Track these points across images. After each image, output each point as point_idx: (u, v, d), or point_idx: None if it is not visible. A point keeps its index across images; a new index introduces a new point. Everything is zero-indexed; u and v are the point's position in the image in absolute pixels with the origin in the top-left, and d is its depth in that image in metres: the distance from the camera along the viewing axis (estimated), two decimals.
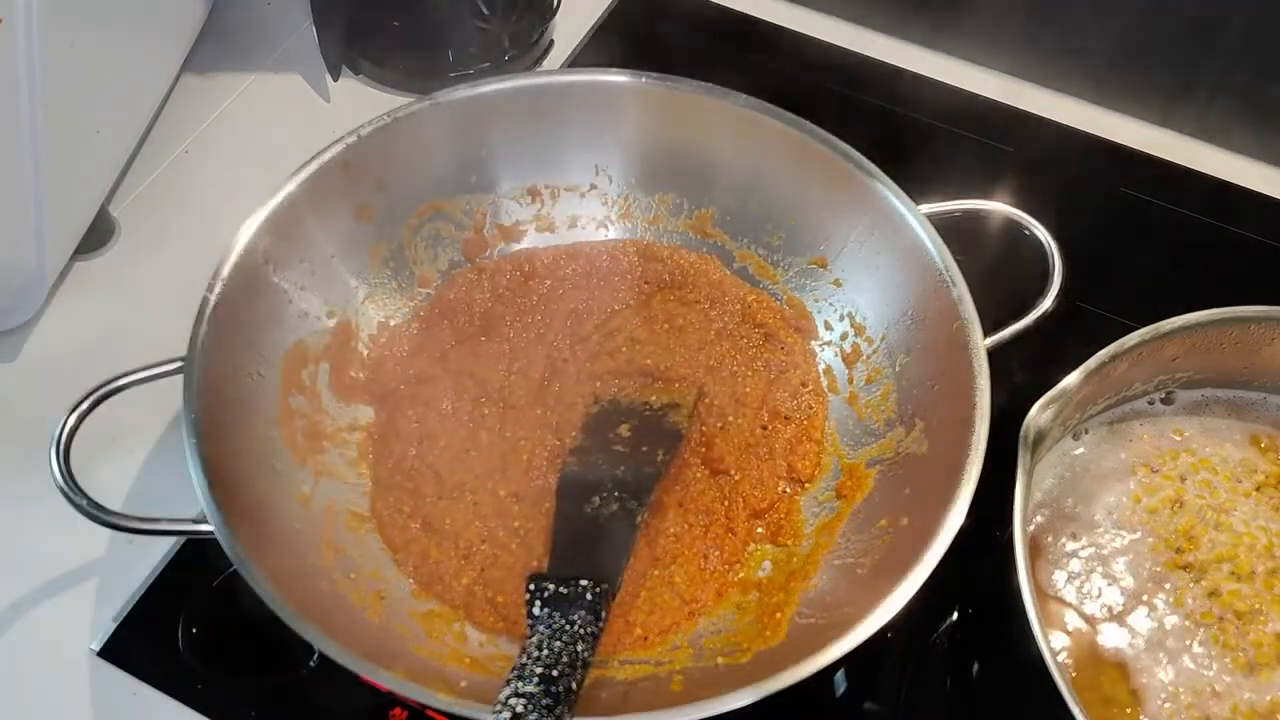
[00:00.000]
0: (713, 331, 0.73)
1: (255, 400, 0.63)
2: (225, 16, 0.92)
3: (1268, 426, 0.68)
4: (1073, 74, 0.91)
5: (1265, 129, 0.87)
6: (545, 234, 0.77)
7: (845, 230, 0.71)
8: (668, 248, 0.77)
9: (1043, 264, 0.65)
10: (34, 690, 0.62)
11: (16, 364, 0.73)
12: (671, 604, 0.62)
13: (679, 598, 0.63)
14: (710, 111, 0.72)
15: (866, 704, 0.63)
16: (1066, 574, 0.62)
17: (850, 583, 0.60)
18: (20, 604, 0.64)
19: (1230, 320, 0.62)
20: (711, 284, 0.75)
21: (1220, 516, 0.63)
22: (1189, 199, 0.85)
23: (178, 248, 0.79)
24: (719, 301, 0.75)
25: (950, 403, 0.62)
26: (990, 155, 0.87)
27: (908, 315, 0.68)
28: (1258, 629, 0.59)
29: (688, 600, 0.63)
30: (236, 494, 0.57)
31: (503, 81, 0.72)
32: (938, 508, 0.56)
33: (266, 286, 0.65)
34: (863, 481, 0.66)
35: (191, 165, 0.84)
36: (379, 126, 0.69)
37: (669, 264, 0.76)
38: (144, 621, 0.64)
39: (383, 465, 0.67)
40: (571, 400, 0.70)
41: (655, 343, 0.72)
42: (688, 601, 0.63)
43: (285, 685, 0.62)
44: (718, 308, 0.74)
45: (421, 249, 0.74)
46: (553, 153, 0.75)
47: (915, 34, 0.94)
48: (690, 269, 0.76)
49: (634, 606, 0.62)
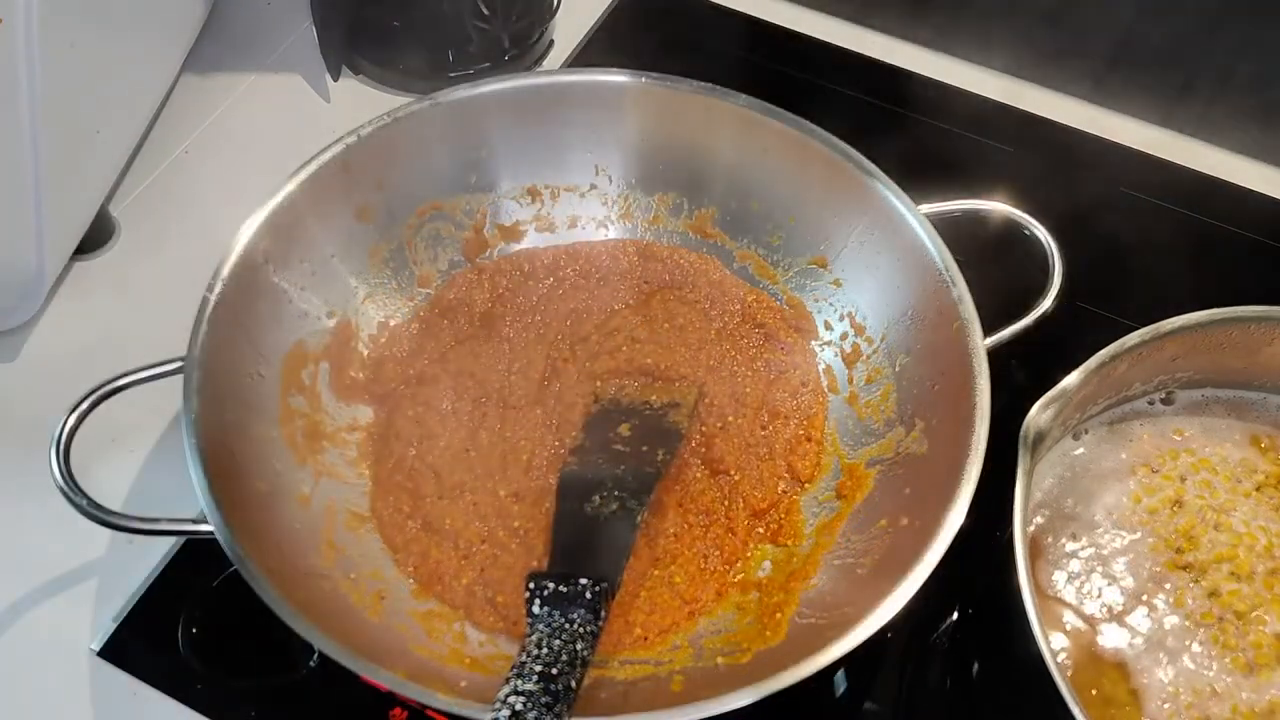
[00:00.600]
0: (713, 331, 0.73)
1: (255, 400, 0.63)
2: (225, 16, 0.92)
3: (1268, 426, 0.68)
4: (1073, 74, 0.91)
5: (1265, 129, 0.87)
6: (545, 234, 0.77)
7: (845, 230, 0.71)
8: (667, 248, 0.77)
9: (1043, 264, 0.65)
10: (34, 690, 0.62)
11: (16, 364, 0.73)
12: (671, 604, 0.62)
13: (679, 598, 0.63)
14: (710, 111, 0.72)
15: (866, 704, 0.63)
16: (1066, 574, 0.62)
17: (850, 583, 0.60)
18: (20, 604, 0.64)
19: (1230, 320, 0.62)
20: (711, 284, 0.75)
21: (1220, 516, 0.63)
22: (1189, 199, 0.85)
23: (178, 248, 0.79)
24: (719, 301, 0.75)
25: (950, 403, 0.62)
26: (990, 155, 0.87)
27: (908, 315, 0.68)
28: (1257, 629, 0.59)
29: (688, 600, 0.63)
30: (236, 494, 0.57)
31: (503, 81, 0.72)
32: (938, 508, 0.56)
33: (266, 286, 0.65)
34: (863, 481, 0.66)
35: (191, 165, 0.84)
36: (379, 127, 0.69)
37: (668, 263, 0.76)
38: (144, 621, 0.64)
39: (382, 465, 0.67)
40: (571, 400, 0.70)
41: (655, 342, 0.72)
42: (688, 601, 0.63)
43: (285, 685, 0.62)
44: (718, 307, 0.74)
45: (421, 249, 0.74)
46: (553, 153, 0.75)
47: (915, 34, 0.94)
48: (690, 268, 0.76)
49: (634, 606, 0.62)
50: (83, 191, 0.75)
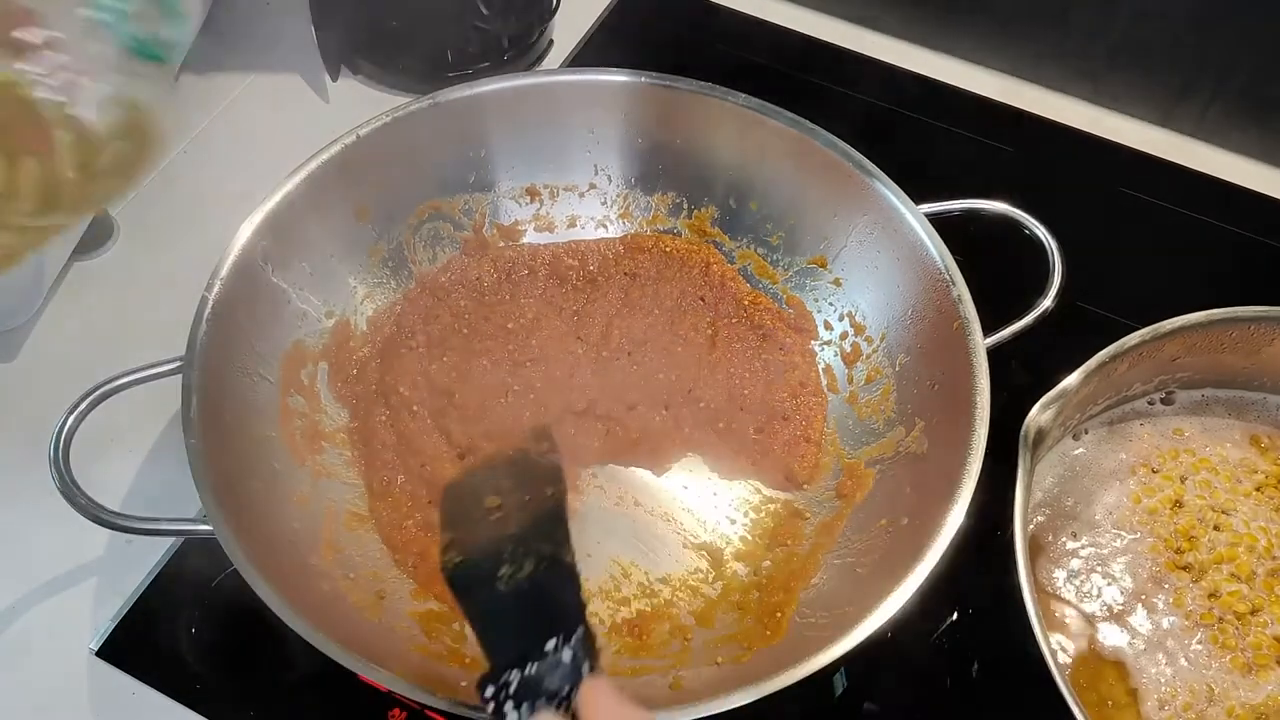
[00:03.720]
0: (709, 331, 0.73)
1: (254, 400, 0.63)
2: (225, 16, 0.92)
3: (1268, 426, 0.67)
4: (1073, 74, 0.91)
5: (1265, 129, 0.87)
6: (545, 233, 0.77)
7: (845, 229, 0.71)
8: (652, 236, 0.76)
9: (1043, 263, 0.65)
10: (34, 690, 0.62)
11: (16, 364, 0.73)
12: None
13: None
14: (709, 111, 0.72)
15: (866, 704, 0.63)
16: (1066, 572, 0.62)
17: (850, 583, 0.60)
18: (20, 604, 0.64)
19: (1230, 320, 0.62)
20: (710, 281, 0.75)
21: (1220, 517, 0.63)
22: (1189, 199, 0.85)
23: (177, 248, 0.79)
24: (717, 302, 0.74)
25: (950, 402, 0.62)
26: (990, 155, 0.87)
27: (908, 315, 0.68)
28: (1257, 631, 0.59)
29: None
30: (236, 494, 0.57)
31: (501, 81, 0.72)
32: (938, 507, 0.56)
33: (265, 286, 0.65)
34: (863, 481, 0.66)
35: (191, 165, 0.84)
36: (377, 127, 0.68)
37: (654, 254, 0.75)
38: (143, 621, 0.64)
39: (374, 474, 0.67)
40: (546, 402, 0.69)
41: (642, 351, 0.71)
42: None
43: (285, 685, 0.62)
44: (714, 308, 0.74)
45: (420, 249, 0.74)
46: (551, 152, 0.75)
47: (915, 34, 0.94)
48: (680, 255, 0.75)
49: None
50: None
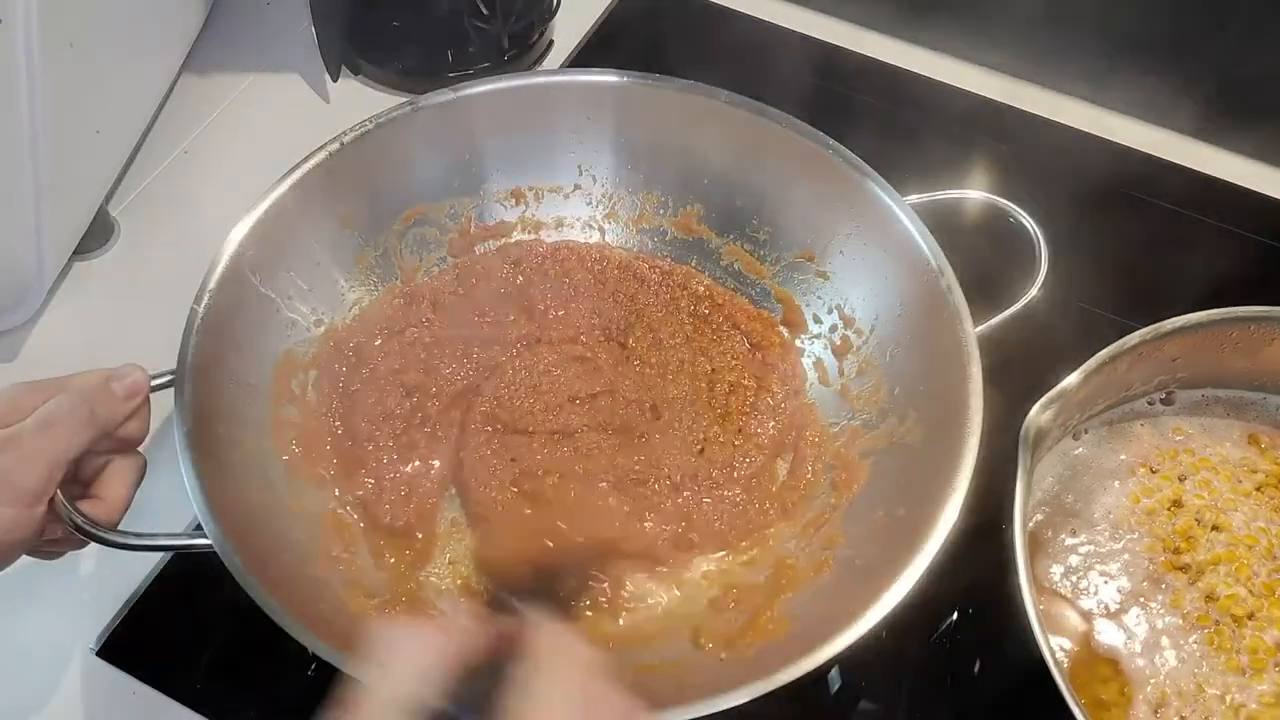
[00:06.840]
0: (691, 345, 0.72)
1: (247, 411, 0.62)
2: (225, 16, 0.92)
3: (1268, 426, 0.67)
4: (1073, 74, 0.91)
5: (1265, 129, 0.87)
6: (531, 235, 0.76)
7: (832, 223, 0.70)
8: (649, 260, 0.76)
9: (1030, 251, 0.65)
10: (34, 690, 0.62)
11: (16, 364, 0.73)
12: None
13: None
14: (694, 109, 0.71)
15: (864, 703, 0.63)
16: (1065, 568, 0.62)
17: (849, 576, 0.60)
18: (20, 604, 0.64)
19: (1230, 320, 0.62)
20: (694, 296, 0.74)
21: (1220, 517, 0.63)
22: (1189, 199, 0.85)
23: (177, 248, 0.79)
24: (704, 317, 0.74)
25: (943, 391, 0.61)
26: (990, 155, 0.87)
27: (897, 306, 0.67)
28: (1254, 633, 0.59)
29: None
30: (231, 507, 0.56)
31: (483, 84, 0.71)
32: (934, 497, 0.56)
33: (254, 297, 0.64)
34: (858, 474, 0.65)
35: (191, 165, 0.84)
36: (360, 133, 0.68)
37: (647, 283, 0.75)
38: (143, 622, 0.64)
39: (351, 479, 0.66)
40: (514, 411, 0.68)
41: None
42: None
43: (285, 685, 0.62)
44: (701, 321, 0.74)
45: (407, 254, 0.73)
46: (536, 154, 0.74)
47: (915, 34, 0.94)
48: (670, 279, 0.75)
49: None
50: (83, 191, 0.75)
